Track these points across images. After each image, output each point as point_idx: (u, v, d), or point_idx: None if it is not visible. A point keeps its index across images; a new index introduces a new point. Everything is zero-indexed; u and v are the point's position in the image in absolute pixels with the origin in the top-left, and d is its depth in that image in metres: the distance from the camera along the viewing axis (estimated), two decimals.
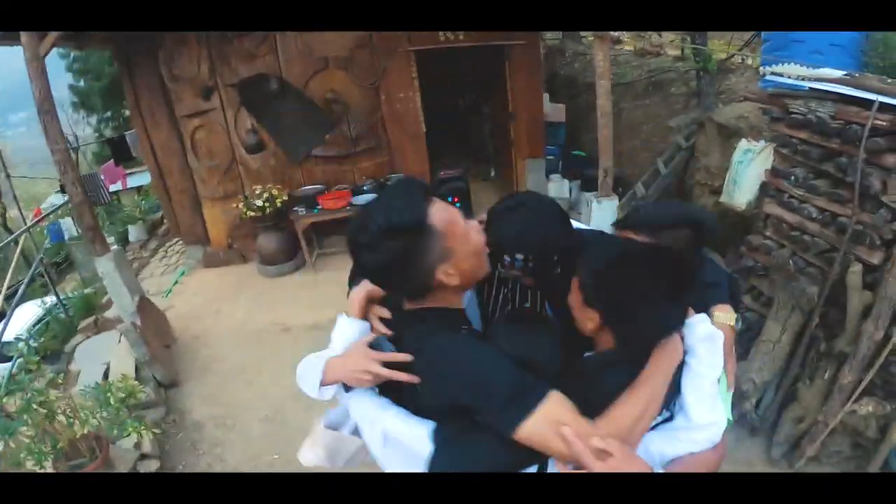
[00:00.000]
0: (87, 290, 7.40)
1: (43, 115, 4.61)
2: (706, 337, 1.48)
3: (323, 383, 1.52)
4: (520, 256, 1.61)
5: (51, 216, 9.74)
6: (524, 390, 1.31)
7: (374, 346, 1.53)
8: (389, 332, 1.55)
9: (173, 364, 5.26)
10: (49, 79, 4.63)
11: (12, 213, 12.10)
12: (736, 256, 4.18)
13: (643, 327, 1.43)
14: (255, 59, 6.51)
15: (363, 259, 1.38)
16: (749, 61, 6.38)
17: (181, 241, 8.02)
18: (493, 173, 9.42)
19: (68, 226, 10.23)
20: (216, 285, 6.91)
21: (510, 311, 1.71)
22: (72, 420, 3.39)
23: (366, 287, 1.58)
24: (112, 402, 3.54)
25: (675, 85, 6.99)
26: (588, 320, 1.49)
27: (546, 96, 8.10)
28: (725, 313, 1.64)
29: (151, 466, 3.91)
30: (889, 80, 3.21)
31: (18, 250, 7.62)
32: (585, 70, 9.31)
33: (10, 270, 6.89)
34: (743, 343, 3.89)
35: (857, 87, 3.17)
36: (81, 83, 13.27)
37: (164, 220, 9.38)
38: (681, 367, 1.46)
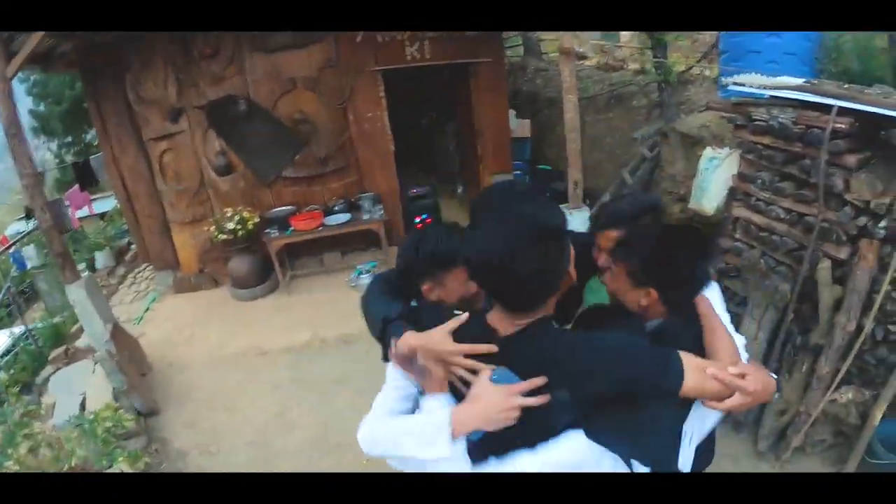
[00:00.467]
0: (55, 320, 7.24)
1: (10, 138, 4.56)
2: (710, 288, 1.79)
3: (455, 436, 1.41)
4: None
5: (16, 244, 9.52)
6: (665, 356, 1.41)
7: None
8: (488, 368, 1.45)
9: (151, 392, 5.15)
10: None
11: None
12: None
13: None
14: (223, 80, 6.48)
15: (515, 271, 1.32)
16: (707, 72, 6.55)
17: (150, 267, 7.87)
18: (460, 189, 9.48)
19: (31, 254, 10.01)
20: (188, 311, 6.79)
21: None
22: (57, 453, 3.31)
23: (417, 338, 1.53)
24: (99, 432, 3.50)
25: (637, 98, 7.13)
26: (641, 298, 1.74)
27: (512, 112, 8.21)
28: None
29: None
30: (845, 86, 3.35)
31: None
32: (547, 86, 9.46)
33: None
34: None
35: (816, 93, 3.31)
36: (41, 107, 13.08)
37: (132, 246, 9.23)
38: None
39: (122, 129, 6.74)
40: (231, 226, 6.47)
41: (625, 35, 9.65)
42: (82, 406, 4.84)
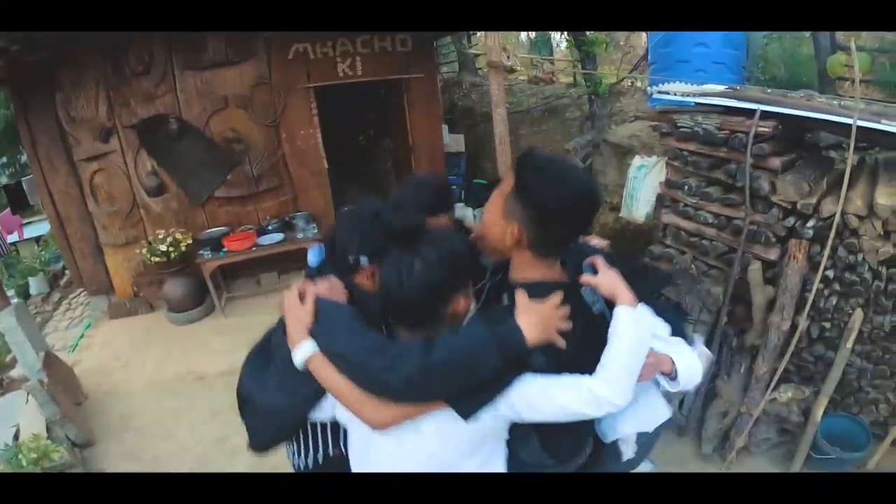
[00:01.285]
0: None
1: None
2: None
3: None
4: None
5: None
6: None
7: None
8: None
9: (87, 422, 4.89)
10: None
11: None
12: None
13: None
14: (154, 99, 6.23)
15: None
16: (639, 83, 6.60)
17: (85, 292, 7.51)
18: None
19: None
20: (124, 336, 6.48)
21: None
22: None
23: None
24: (24, 463, 3.34)
25: (570, 110, 7.19)
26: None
27: (445, 127, 8.17)
28: None
29: None
30: (769, 91, 3.33)
31: None
32: (482, 101, 9.48)
33: None
34: None
35: (739, 98, 3.32)
36: None
37: (66, 271, 8.86)
38: None
39: (52, 149, 6.39)
40: (164, 248, 6.20)
41: (556, 50, 9.77)
42: (16, 437, 4.52)
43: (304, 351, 1.61)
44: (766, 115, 3.10)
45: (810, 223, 3.06)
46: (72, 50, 5.86)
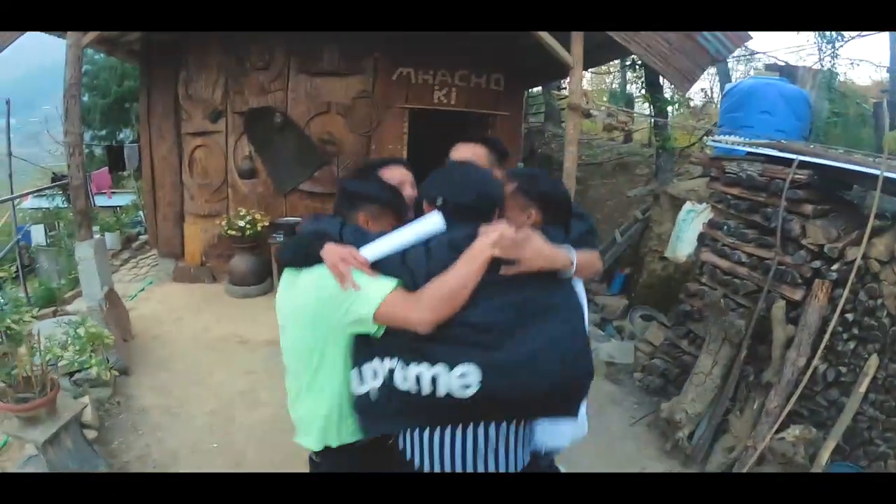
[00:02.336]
0: (53, 285, 7.43)
1: (68, 98, 4.94)
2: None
3: None
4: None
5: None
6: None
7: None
8: None
9: (129, 356, 5.27)
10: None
11: None
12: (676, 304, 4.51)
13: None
14: (266, 93, 6.98)
15: None
16: (707, 151, 7.01)
17: (154, 255, 8.14)
18: None
19: (37, 234, 10.25)
20: (182, 297, 6.98)
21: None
22: (36, 350, 3.42)
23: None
24: (82, 334, 3.63)
25: (640, 167, 7.56)
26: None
27: (520, 166, 8.54)
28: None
29: (88, 435, 3.87)
30: (811, 146, 3.71)
31: None
32: (561, 150, 9.73)
33: None
34: (679, 381, 4.14)
35: (783, 149, 3.68)
36: (86, 98, 13.33)
37: (140, 236, 9.51)
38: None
39: (164, 119, 7.20)
40: (242, 223, 6.78)
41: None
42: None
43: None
44: (805, 166, 3.46)
45: (835, 266, 3.35)
46: (202, 36, 6.66)
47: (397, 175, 2.34)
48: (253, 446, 4.20)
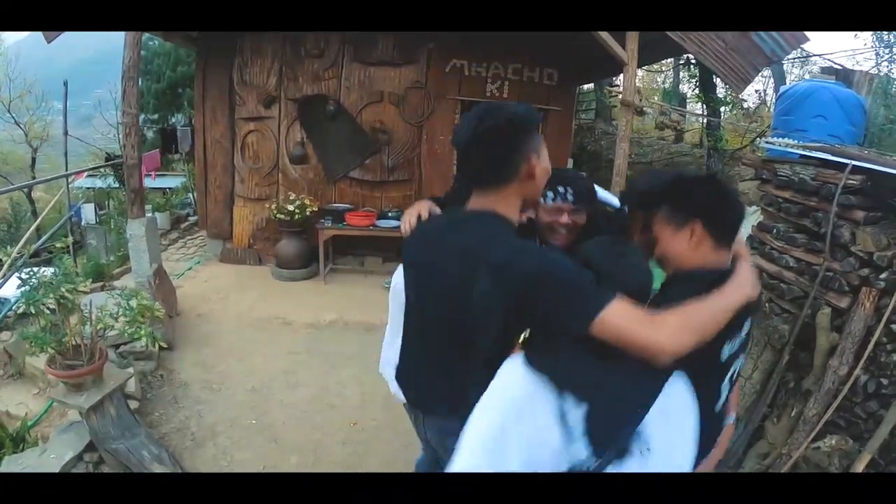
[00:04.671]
0: (101, 262, 7.76)
1: (127, 80, 5.25)
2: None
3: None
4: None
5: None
6: (592, 294, 1.54)
7: None
8: None
9: (174, 332, 5.50)
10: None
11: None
12: None
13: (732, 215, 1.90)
14: (320, 80, 7.24)
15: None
16: (759, 153, 6.98)
17: (203, 236, 8.49)
18: None
19: (88, 212, 10.66)
20: (228, 277, 7.27)
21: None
22: (87, 319, 3.57)
23: None
24: (134, 305, 3.80)
25: (690, 167, 7.54)
26: (689, 238, 1.82)
27: (571, 161, 8.70)
28: None
29: (130, 405, 3.99)
30: (866, 150, 3.71)
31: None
32: (610, 147, 9.91)
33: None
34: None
35: (836, 153, 3.69)
36: (140, 82, 13.65)
37: (189, 217, 9.86)
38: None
39: (219, 103, 7.49)
40: (291, 208, 7.03)
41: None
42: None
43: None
44: (858, 171, 3.47)
45: (883, 275, 3.34)
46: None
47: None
48: (291, 425, 4.36)
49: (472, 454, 1.50)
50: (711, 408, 1.81)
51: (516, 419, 1.49)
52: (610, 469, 1.46)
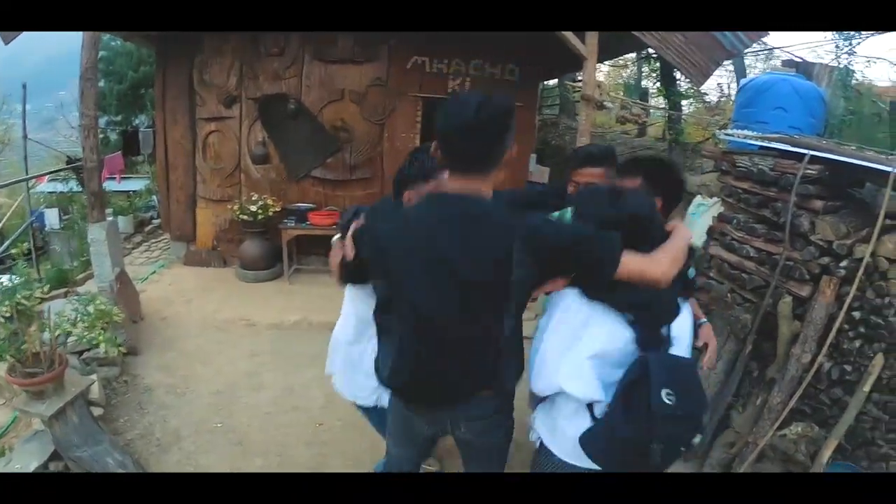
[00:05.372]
0: (65, 267, 7.54)
1: (85, 80, 5.02)
2: None
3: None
4: None
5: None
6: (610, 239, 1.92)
7: None
8: None
9: (137, 337, 5.37)
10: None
11: None
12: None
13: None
14: (281, 79, 7.04)
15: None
16: (720, 145, 6.98)
17: (167, 238, 8.25)
18: None
19: (51, 217, 10.37)
20: (192, 280, 7.10)
21: None
22: (45, 327, 3.48)
23: None
24: (92, 310, 3.68)
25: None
26: None
27: (534, 157, 8.65)
28: None
29: (94, 412, 3.91)
30: (825, 141, 3.69)
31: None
32: (574, 142, 9.79)
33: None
34: None
35: (795, 144, 3.66)
36: (102, 83, 13.50)
37: (153, 220, 9.61)
38: None
39: (179, 104, 7.28)
40: (254, 208, 6.87)
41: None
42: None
43: None
44: (817, 162, 3.44)
45: (843, 263, 3.31)
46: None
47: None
48: (255, 427, 4.28)
49: (549, 359, 2.06)
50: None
51: (585, 325, 2.01)
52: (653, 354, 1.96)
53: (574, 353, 2.00)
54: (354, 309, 2.97)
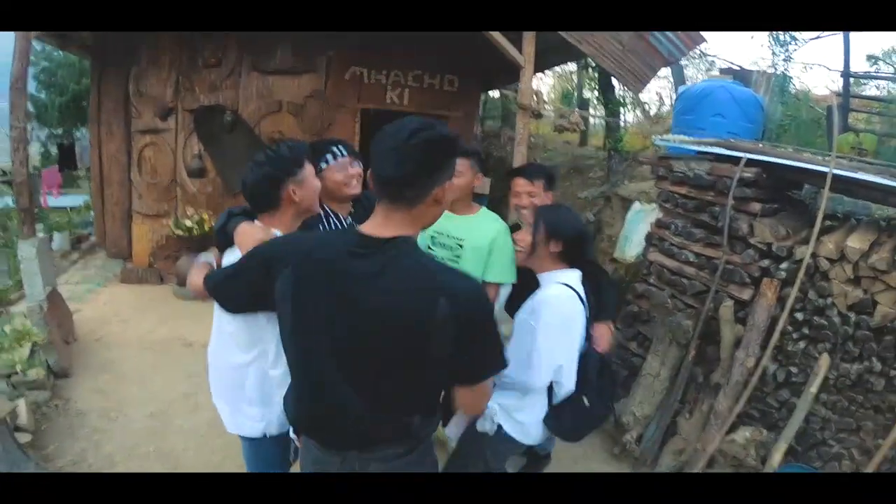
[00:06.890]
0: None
1: (14, 90, 4.66)
2: None
3: None
4: None
5: None
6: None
7: None
8: None
9: (69, 358, 5.01)
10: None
11: None
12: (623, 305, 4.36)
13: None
14: (218, 91, 6.70)
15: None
16: (659, 151, 6.96)
17: (103, 256, 7.80)
18: None
19: None
20: (128, 299, 6.68)
21: None
22: None
23: None
24: (8, 332, 3.48)
25: (594, 170, 7.50)
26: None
27: None
28: None
29: (22, 439, 3.63)
30: (760, 144, 3.60)
31: None
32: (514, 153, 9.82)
33: None
34: (628, 384, 4.01)
35: (731, 147, 3.57)
36: (43, 95, 13.03)
37: (90, 237, 9.12)
38: None
39: (114, 116, 6.84)
40: (189, 224, 6.50)
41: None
42: None
43: None
44: (753, 164, 3.35)
45: (784, 265, 3.23)
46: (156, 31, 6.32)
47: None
48: (191, 450, 4.03)
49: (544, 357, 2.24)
50: None
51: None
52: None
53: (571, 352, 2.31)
54: (228, 326, 2.34)
